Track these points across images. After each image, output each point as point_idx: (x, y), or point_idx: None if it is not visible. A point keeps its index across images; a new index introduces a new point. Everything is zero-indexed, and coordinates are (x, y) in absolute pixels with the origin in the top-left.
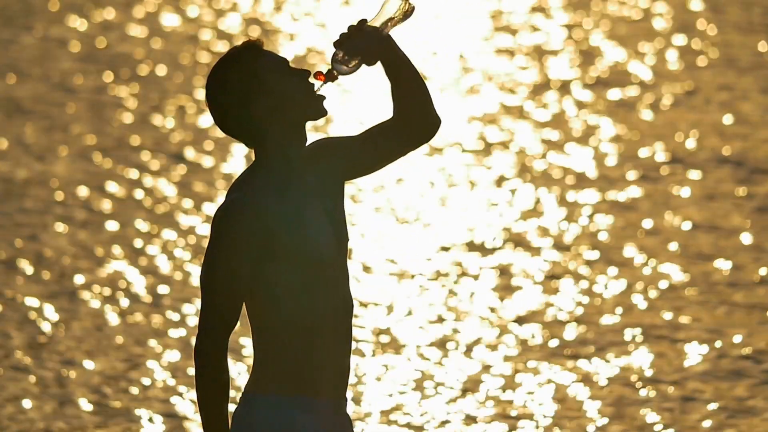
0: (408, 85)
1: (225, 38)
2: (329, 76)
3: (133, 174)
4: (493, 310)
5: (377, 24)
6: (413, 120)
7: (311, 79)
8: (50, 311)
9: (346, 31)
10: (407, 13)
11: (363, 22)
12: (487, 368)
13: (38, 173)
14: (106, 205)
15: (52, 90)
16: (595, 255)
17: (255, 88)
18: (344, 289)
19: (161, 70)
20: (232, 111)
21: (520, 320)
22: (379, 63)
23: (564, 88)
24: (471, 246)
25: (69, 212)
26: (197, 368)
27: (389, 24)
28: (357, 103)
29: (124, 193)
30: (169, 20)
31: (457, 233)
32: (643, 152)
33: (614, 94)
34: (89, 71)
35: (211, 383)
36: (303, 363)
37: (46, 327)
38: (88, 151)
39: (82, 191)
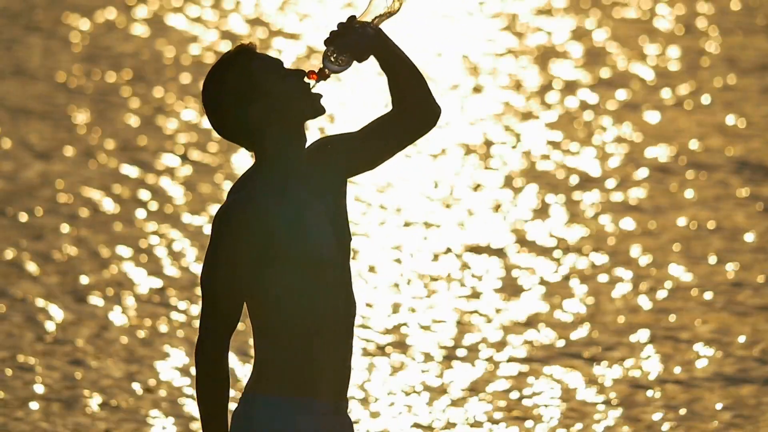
0: (404, 77)
1: (229, 38)
2: (321, 75)
3: (138, 174)
4: (499, 311)
5: (367, 19)
6: (413, 111)
7: (305, 79)
8: (56, 312)
9: (336, 28)
10: (396, 9)
11: (352, 18)
12: (493, 369)
13: (43, 174)
14: (112, 206)
15: (56, 90)
16: (600, 256)
17: (251, 91)
18: (345, 289)
19: (166, 71)
20: (230, 114)
21: (526, 321)
22: (372, 58)
23: (569, 88)
24: (477, 247)
25: (74, 213)
26: (197, 368)
27: (378, 19)
28: (357, 102)
29: (129, 193)
30: (174, 21)
31: (463, 234)
32: (648, 153)
33: (619, 95)
34: (94, 72)
35: (211, 383)
36: (303, 364)
37: (51, 327)
38: (93, 151)
39: (87, 192)
